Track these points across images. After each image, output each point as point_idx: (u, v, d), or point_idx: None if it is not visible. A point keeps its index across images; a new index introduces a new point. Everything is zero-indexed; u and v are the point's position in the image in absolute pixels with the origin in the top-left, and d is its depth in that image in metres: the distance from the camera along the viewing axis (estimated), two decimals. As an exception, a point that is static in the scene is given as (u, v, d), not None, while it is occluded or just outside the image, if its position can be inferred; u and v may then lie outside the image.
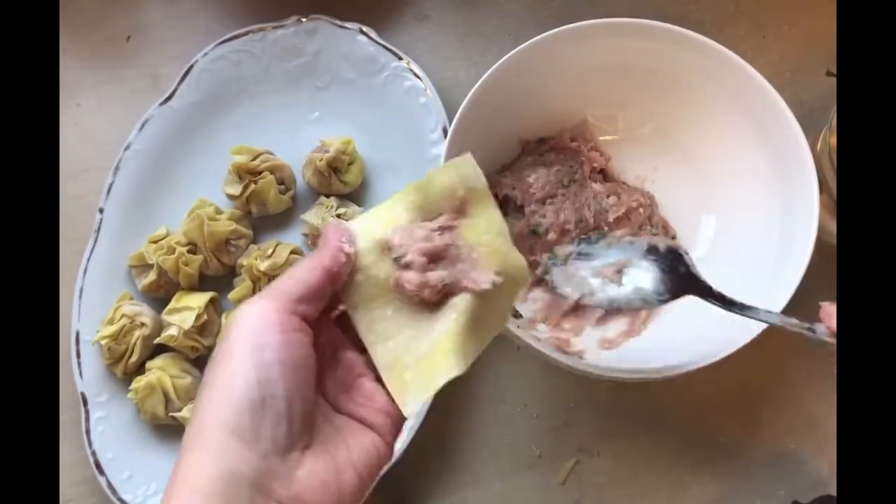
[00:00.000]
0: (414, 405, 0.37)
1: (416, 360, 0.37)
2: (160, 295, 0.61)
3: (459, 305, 0.37)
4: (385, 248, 0.38)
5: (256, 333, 0.34)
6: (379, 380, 0.37)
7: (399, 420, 0.38)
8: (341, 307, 0.39)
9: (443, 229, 0.39)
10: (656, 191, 0.59)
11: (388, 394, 0.37)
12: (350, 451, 0.36)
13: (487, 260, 0.38)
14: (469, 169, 0.40)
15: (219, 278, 0.61)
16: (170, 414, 0.57)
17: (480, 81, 0.52)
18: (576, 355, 0.52)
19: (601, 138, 0.60)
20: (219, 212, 0.61)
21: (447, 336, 0.37)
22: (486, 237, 0.39)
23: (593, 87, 0.57)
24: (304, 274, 0.36)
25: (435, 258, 0.38)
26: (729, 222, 0.57)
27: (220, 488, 0.32)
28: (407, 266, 0.37)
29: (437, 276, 0.37)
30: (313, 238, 0.60)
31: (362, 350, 0.38)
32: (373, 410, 0.37)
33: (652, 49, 0.54)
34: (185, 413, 0.56)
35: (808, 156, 0.50)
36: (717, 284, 0.54)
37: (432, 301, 0.38)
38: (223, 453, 0.32)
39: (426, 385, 0.36)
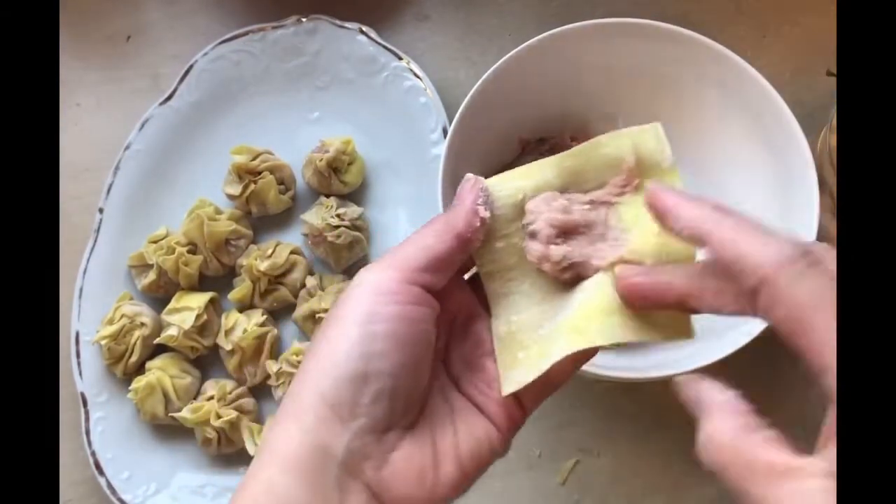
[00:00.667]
0: (515, 385, 0.33)
1: (534, 341, 0.34)
2: (160, 295, 0.61)
3: (589, 288, 0.33)
4: None
5: (370, 301, 0.31)
6: None
7: (518, 417, 0.34)
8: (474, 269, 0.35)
9: (595, 203, 0.34)
10: (656, 191, 0.59)
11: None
12: (457, 436, 0.33)
13: (638, 242, 0.33)
14: (651, 139, 0.34)
15: (219, 278, 0.61)
16: (169, 414, 0.57)
17: (480, 81, 0.52)
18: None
19: (601, 138, 0.60)
20: (219, 212, 0.61)
21: (566, 318, 0.33)
22: (650, 218, 0.33)
23: (593, 87, 0.57)
24: (430, 239, 0.33)
25: (568, 231, 0.33)
26: (729, 222, 0.57)
27: (310, 463, 0.30)
28: (533, 235, 0.33)
29: (559, 251, 0.33)
30: (313, 238, 0.60)
31: None
32: (491, 400, 0.34)
33: (652, 49, 0.54)
34: (184, 413, 0.56)
35: (808, 156, 0.50)
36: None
37: (562, 279, 0.34)
38: (316, 426, 0.31)
39: (535, 365, 0.33)
